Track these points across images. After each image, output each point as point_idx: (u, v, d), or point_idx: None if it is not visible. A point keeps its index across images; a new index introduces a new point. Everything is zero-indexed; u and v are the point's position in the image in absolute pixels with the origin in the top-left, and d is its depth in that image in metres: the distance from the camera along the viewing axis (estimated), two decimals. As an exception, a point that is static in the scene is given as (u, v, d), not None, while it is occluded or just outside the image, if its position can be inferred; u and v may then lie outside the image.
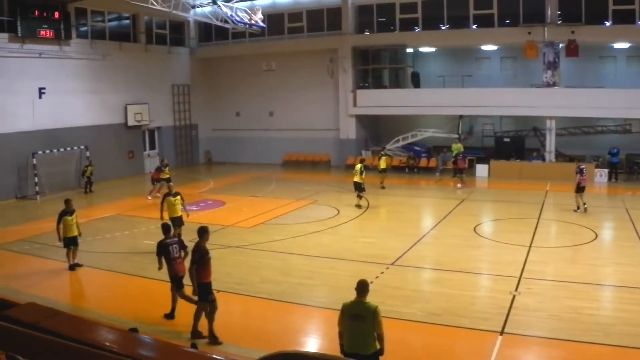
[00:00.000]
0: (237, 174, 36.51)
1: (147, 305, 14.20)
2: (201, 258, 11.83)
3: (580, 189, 23.16)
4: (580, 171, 23.25)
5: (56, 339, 6.38)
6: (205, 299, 11.89)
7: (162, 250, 13.09)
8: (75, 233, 17.57)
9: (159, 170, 28.58)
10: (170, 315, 12.96)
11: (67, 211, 17.53)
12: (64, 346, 6.24)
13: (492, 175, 32.33)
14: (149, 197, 27.89)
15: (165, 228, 13.71)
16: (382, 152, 32.01)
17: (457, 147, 32.57)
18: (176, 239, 13.68)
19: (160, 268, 13.22)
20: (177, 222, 18.94)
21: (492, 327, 11.64)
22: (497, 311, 12.46)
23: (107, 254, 19.08)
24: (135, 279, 16.21)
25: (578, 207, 23.13)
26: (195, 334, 11.86)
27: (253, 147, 41.10)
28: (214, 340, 11.64)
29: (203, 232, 12.15)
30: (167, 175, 27.21)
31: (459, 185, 29.78)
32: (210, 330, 11.79)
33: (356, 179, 25.10)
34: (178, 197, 19.59)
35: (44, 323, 6.91)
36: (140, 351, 7.14)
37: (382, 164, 30.30)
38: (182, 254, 13.19)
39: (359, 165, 25.46)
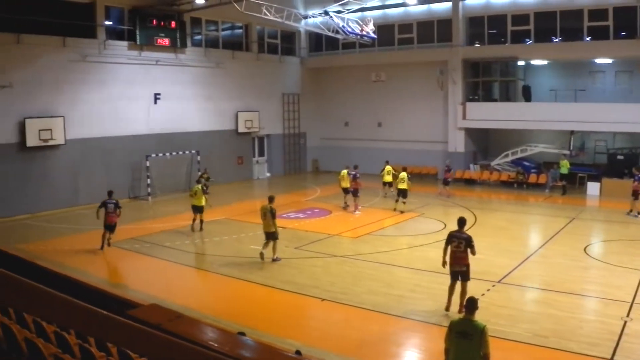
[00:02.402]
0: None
1: (252, 309, 14.69)
2: None
3: None
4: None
5: (178, 341, 6.82)
6: None
7: None
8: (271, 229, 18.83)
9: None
10: None
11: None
12: (185, 348, 6.67)
13: (604, 193, 31.27)
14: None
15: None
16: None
17: (565, 163, 32.01)
18: None
19: None
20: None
21: (601, 354, 11.36)
22: (607, 337, 12.13)
23: (214, 257, 19.85)
24: (240, 283, 16.74)
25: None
26: None
27: (360, 157, 41.07)
28: None
29: None
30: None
31: None
32: None
33: (403, 185, 26.70)
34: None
35: (167, 325, 7.36)
36: (246, 354, 7.52)
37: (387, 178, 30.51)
38: None
39: (404, 173, 27.00)
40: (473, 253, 13.84)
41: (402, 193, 26.89)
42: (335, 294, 15.32)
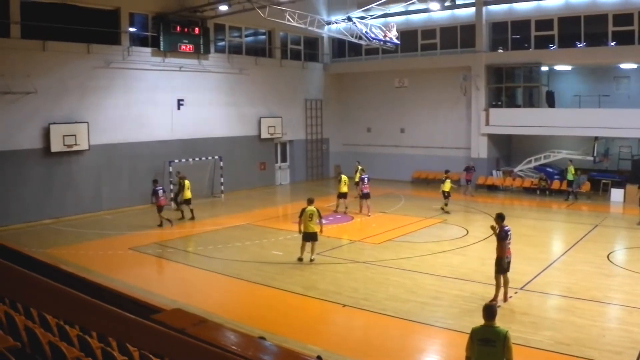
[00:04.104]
0: (366, 189, 36.87)
1: (274, 314, 14.78)
2: None
3: None
4: None
5: (201, 344, 6.93)
6: None
7: None
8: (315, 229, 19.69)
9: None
10: None
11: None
12: (209, 352, 6.78)
13: (628, 200, 30.88)
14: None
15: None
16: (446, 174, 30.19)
17: (571, 169, 32.51)
18: None
19: None
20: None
21: (624, 362, 11.32)
22: (631, 345, 12.09)
23: (236, 262, 19.94)
24: (262, 288, 16.85)
25: None
26: None
27: (383, 163, 41.37)
28: None
29: None
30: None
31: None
32: None
33: (446, 187, 28.20)
34: None
35: (190, 330, 7.48)
36: (268, 358, 7.62)
37: (446, 187, 29.28)
38: None
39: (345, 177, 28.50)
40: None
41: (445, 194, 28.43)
42: (357, 300, 15.39)
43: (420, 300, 15.34)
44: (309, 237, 19.61)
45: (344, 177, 28.71)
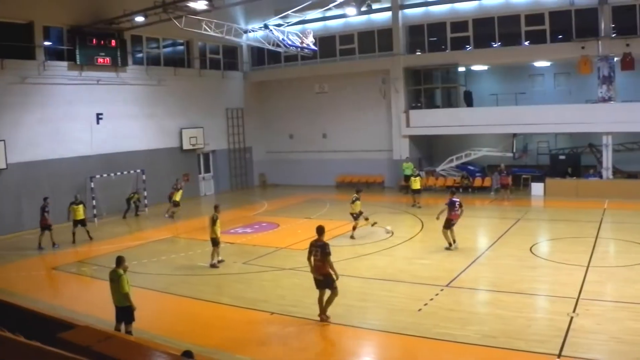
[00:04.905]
0: (291, 196, 36.79)
1: (202, 327, 14.41)
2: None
3: None
4: None
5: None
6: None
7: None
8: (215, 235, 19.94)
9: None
10: None
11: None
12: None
13: (548, 193, 31.84)
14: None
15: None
16: (416, 173, 31.87)
17: (408, 165, 33.63)
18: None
19: None
20: None
21: (550, 350, 11.42)
22: (555, 333, 12.21)
23: (162, 276, 19.57)
24: (190, 301, 16.52)
25: None
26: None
27: (307, 169, 41.36)
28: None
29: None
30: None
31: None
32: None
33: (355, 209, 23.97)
34: None
35: (97, 347, 7.15)
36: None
37: (416, 184, 30.55)
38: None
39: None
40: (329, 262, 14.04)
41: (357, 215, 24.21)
42: (286, 307, 15.17)
43: (348, 303, 15.08)
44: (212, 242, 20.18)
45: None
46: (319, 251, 13.97)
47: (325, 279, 13.92)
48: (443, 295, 15.50)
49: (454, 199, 20.99)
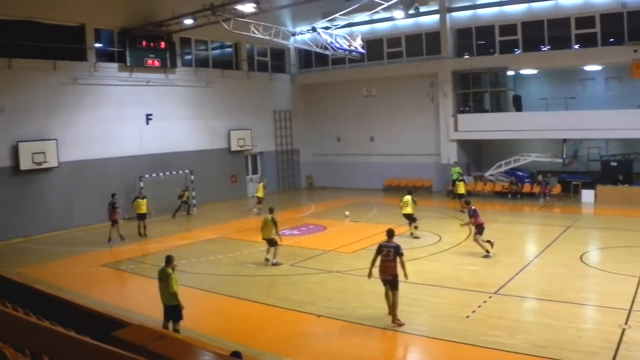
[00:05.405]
0: (338, 199, 36.86)
1: (248, 327, 14.59)
2: None
3: None
4: None
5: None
6: None
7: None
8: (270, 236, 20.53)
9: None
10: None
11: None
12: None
13: (599, 201, 31.25)
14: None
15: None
16: (460, 177, 32.25)
17: (456, 170, 33.64)
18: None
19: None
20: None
21: (600, 362, 11.23)
22: (605, 345, 12.03)
23: (209, 275, 19.84)
24: (237, 301, 16.72)
25: None
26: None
27: (354, 172, 41.39)
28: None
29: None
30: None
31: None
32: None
33: (407, 210, 24.47)
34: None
35: (151, 346, 7.25)
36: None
37: (460, 189, 30.71)
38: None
39: (408, 197, 24.70)
40: (402, 262, 14.26)
41: (408, 218, 24.72)
42: (332, 310, 15.23)
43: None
44: (268, 242, 20.67)
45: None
46: (392, 252, 14.21)
47: (394, 279, 14.15)
48: (491, 302, 15.40)
49: (473, 207, 21.48)
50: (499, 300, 15.60)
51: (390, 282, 14.17)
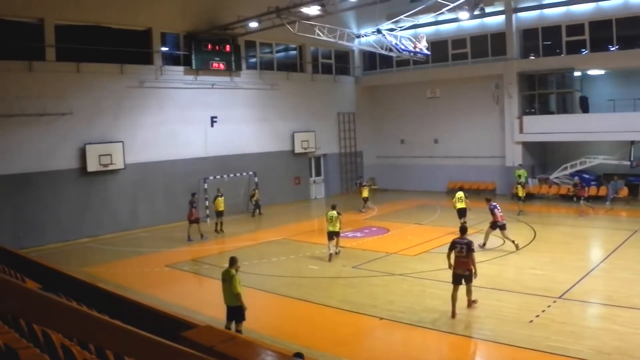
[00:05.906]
0: (402, 201, 36.89)
1: (310, 329, 14.83)
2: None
3: None
4: None
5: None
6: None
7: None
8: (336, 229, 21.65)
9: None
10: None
11: None
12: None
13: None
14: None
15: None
16: (520, 181, 32.13)
17: (521, 172, 33.43)
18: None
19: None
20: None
21: (668, 370, 11.10)
22: (674, 353, 11.84)
23: (272, 277, 20.12)
24: (299, 303, 16.97)
25: None
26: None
27: (417, 174, 41.32)
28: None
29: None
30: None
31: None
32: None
33: (461, 205, 26.13)
34: None
35: (219, 347, 7.50)
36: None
37: (519, 192, 30.71)
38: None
39: (461, 193, 26.45)
40: (472, 259, 14.99)
41: (461, 213, 26.15)
42: (395, 313, 15.32)
43: (459, 311, 15.14)
44: (331, 235, 21.64)
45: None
46: (465, 248, 14.80)
47: (469, 274, 14.84)
48: (555, 307, 15.28)
49: (493, 203, 23.03)
50: (563, 305, 15.48)
51: (466, 277, 14.81)
